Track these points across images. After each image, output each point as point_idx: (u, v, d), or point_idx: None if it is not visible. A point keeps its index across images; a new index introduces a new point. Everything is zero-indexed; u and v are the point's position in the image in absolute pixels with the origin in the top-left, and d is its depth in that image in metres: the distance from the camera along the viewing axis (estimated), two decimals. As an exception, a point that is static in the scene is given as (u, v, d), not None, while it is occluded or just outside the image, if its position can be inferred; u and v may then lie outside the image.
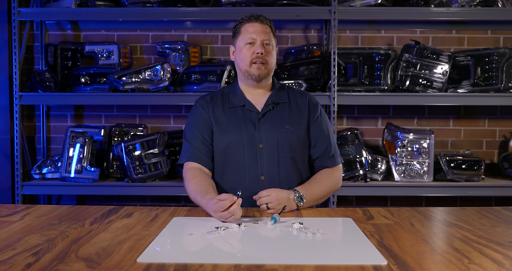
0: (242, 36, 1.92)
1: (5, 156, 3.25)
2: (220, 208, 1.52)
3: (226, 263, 1.13)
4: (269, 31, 1.93)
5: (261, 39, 1.89)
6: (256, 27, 1.91)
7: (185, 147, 1.95)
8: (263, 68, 1.90)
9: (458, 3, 3.12)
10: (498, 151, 3.40)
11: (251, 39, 1.89)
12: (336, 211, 1.76)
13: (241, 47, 1.92)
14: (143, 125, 3.33)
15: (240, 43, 1.92)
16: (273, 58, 1.94)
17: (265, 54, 1.89)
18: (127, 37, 3.43)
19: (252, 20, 1.93)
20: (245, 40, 1.90)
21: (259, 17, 1.93)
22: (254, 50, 1.89)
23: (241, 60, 1.92)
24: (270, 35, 1.92)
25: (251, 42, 1.89)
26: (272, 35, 1.95)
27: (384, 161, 3.15)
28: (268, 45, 1.91)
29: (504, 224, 1.56)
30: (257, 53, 1.88)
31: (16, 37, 3.13)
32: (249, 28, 1.91)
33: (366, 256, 1.21)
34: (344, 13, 3.06)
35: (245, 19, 1.95)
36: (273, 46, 1.94)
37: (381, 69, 3.14)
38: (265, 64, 1.90)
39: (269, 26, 1.94)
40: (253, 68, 1.90)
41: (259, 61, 1.88)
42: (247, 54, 1.90)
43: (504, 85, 3.08)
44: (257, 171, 1.88)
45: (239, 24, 1.96)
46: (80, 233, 1.41)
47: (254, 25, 1.91)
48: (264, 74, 1.91)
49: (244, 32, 1.92)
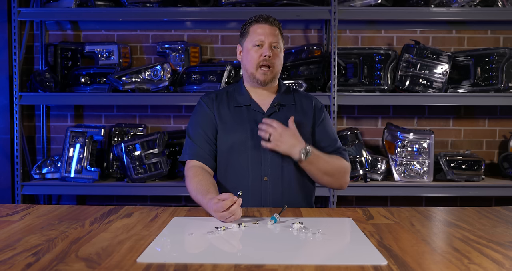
0: (250, 37, 1.89)
1: (5, 156, 3.25)
2: (221, 208, 1.51)
3: (226, 263, 1.13)
4: (278, 33, 1.90)
5: (270, 41, 1.87)
6: (265, 29, 1.88)
7: (188, 144, 1.93)
8: (269, 73, 1.88)
9: (458, 3, 3.12)
10: (498, 151, 3.40)
11: (259, 41, 1.87)
12: (336, 211, 1.76)
13: (249, 48, 1.89)
14: (143, 125, 3.33)
15: (248, 44, 1.90)
16: (280, 60, 1.92)
17: (272, 57, 1.87)
18: (127, 37, 3.43)
19: (261, 21, 1.89)
20: (253, 41, 1.88)
21: (268, 18, 1.90)
22: (261, 52, 1.86)
23: (248, 61, 1.90)
24: (278, 37, 1.90)
25: (259, 44, 1.87)
26: (281, 37, 1.92)
27: (384, 161, 3.15)
28: (276, 47, 1.89)
29: (504, 224, 1.56)
30: (265, 56, 1.85)
31: (16, 37, 3.13)
32: (258, 29, 1.88)
33: (366, 256, 1.21)
34: (344, 13, 3.06)
35: (254, 19, 1.91)
36: (281, 48, 1.91)
37: (381, 69, 3.14)
38: (271, 68, 1.88)
39: (278, 28, 1.91)
40: (258, 73, 1.88)
41: (266, 64, 1.86)
42: (255, 56, 1.87)
43: (504, 85, 3.08)
44: (260, 171, 1.87)
45: (248, 24, 1.92)
46: (80, 233, 1.41)
47: (263, 26, 1.88)
48: (269, 79, 1.90)
49: (253, 33, 1.89)
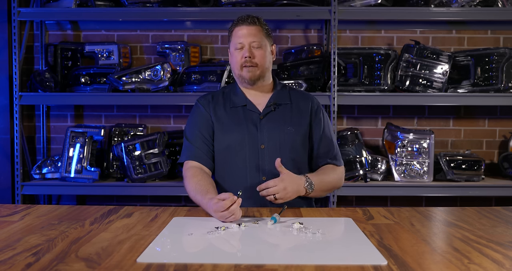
0: (233, 41, 1.93)
1: (5, 156, 3.25)
2: (221, 207, 1.51)
3: (226, 263, 1.13)
4: (258, 31, 1.91)
5: (249, 42, 1.89)
6: (243, 30, 1.91)
7: (186, 146, 1.95)
8: (254, 70, 1.90)
9: (458, 3, 3.12)
10: (498, 151, 3.40)
11: (239, 44, 1.90)
12: (336, 211, 1.76)
13: (232, 51, 1.94)
14: (143, 125, 3.33)
15: (232, 48, 1.94)
16: (265, 58, 1.92)
17: (254, 56, 1.89)
18: (127, 37, 3.43)
19: (239, 23, 1.92)
20: (235, 45, 1.91)
21: (247, 19, 1.92)
22: (242, 54, 1.89)
23: (233, 64, 1.94)
24: (259, 36, 1.91)
25: (240, 47, 1.90)
26: (264, 34, 1.92)
27: (384, 161, 3.15)
28: (258, 47, 1.90)
29: (504, 224, 1.56)
30: (245, 57, 1.88)
31: (16, 37, 3.13)
32: (238, 31, 1.92)
33: (366, 256, 1.21)
34: (344, 13, 3.06)
35: (234, 22, 1.95)
36: (265, 46, 1.92)
37: (381, 69, 3.14)
38: (255, 67, 1.90)
39: (258, 26, 1.92)
40: (244, 72, 1.91)
41: (248, 64, 1.89)
42: (237, 58, 1.91)
43: (504, 85, 3.08)
44: (258, 171, 1.88)
45: (231, 27, 1.96)
46: (80, 233, 1.41)
47: (241, 28, 1.91)
48: (256, 76, 1.91)
49: (234, 36, 1.93)
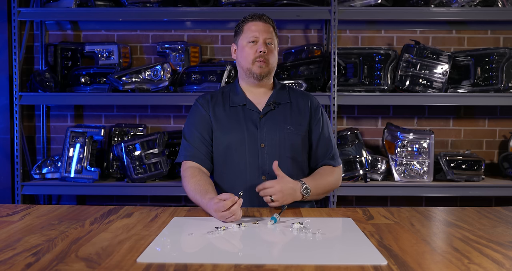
0: (245, 35, 1.92)
1: (5, 156, 3.25)
2: (222, 207, 1.51)
3: (226, 263, 1.13)
4: (272, 30, 1.94)
5: (264, 37, 1.90)
6: (259, 26, 1.92)
7: (184, 145, 1.95)
8: (265, 67, 1.91)
9: (458, 3, 3.12)
10: (498, 151, 3.40)
11: (253, 37, 1.90)
12: (336, 211, 1.76)
13: (244, 45, 1.92)
14: (143, 125, 3.33)
15: (243, 41, 1.93)
16: (275, 57, 1.95)
17: (267, 53, 1.90)
18: (127, 37, 3.43)
19: (255, 19, 1.94)
20: (248, 38, 1.91)
21: (262, 16, 1.94)
22: (256, 48, 1.89)
23: (244, 58, 1.93)
24: (272, 35, 1.94)
25: (254, 41, 1.90)
26: (275, 34, 1.96)
27: (384, 161, 3.15)
28: (271, 44, 1.92)
29: (504, 224, 1.56)
30: (260, 51, 1.88)
31: (16, 37, 3.13)
32: (252, 26, 1.92)
33: (366, 256, 1.21)
34: (344, 13, 3.06)
35: (248, 18, 1.96)
36: (275, 46, 1.95)
37: (381, 69, 3.14)
38: (266, 63, 1.91)
39: (271, 26, 1.95)
40: (255, 67, 1.90)
41: (261, 59, 1.89)
42: (250, 53, 1.90)
43: (504, 85, 3.08)
44: (258, 170, 1.88)
45: (242, 22, 1.96)
46: (80, 233, 1.41)
47: (257, 24, 1.92)
48: (265, 72, 1.92)
49: (247, 30, 1.92)
